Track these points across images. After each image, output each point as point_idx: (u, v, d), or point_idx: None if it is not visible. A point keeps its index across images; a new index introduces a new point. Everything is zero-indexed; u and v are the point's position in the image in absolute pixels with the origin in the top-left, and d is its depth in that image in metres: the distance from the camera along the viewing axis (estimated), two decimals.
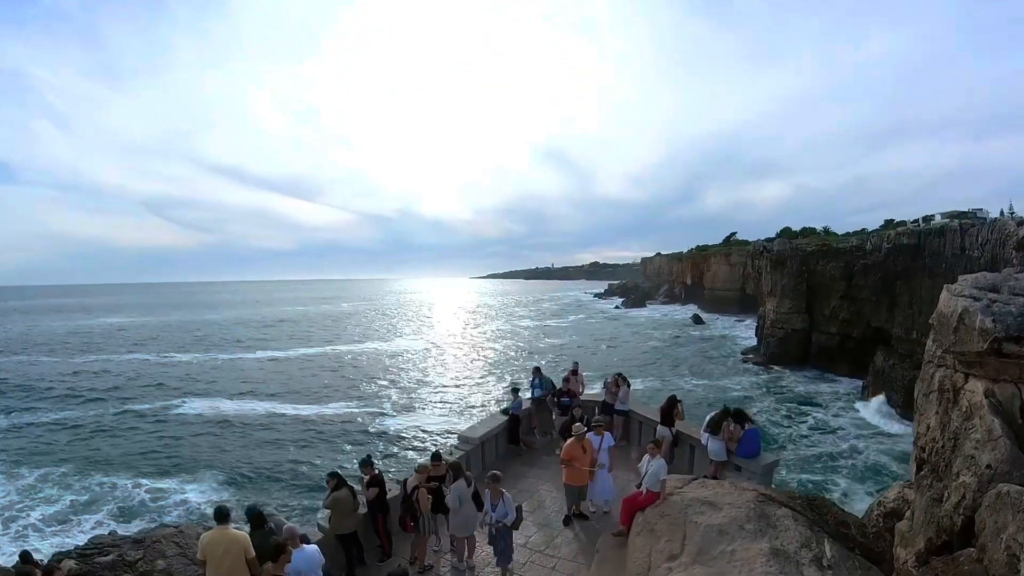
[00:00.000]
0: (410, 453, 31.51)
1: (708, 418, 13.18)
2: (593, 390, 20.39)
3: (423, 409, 42.10)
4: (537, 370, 18.06)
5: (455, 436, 15.85)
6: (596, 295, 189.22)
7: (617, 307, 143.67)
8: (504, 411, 16.66)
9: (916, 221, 63.11)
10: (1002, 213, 55.52)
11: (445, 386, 50.60)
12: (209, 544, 7.58)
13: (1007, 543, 8.15)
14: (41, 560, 9.64)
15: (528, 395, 17.69)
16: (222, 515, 7.82)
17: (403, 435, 35.10)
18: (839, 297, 54.32)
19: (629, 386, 16.85)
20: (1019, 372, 9.87)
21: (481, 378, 54.63)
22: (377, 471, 11.14)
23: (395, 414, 40.32)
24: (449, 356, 69.73)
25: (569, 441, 11.68)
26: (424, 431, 35.82)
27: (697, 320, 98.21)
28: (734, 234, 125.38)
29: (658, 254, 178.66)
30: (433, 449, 13.46)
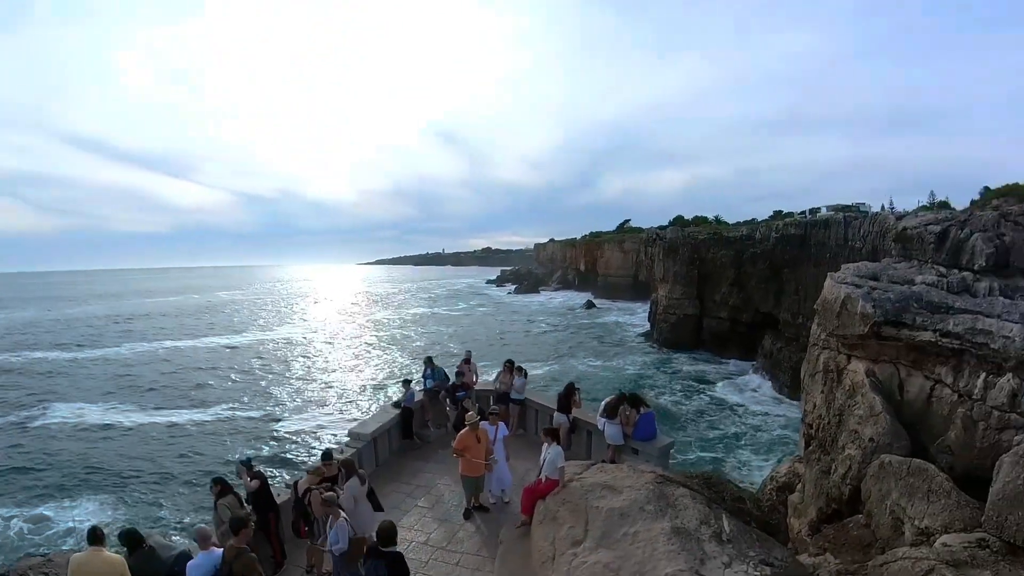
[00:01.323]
0: (299, 454, 29.97)
1: (604, 403, 13.28)
2: (488, 378, 20.23)
3: (310, 406, 40.17)
4: (429, 360, 17.65)
5: (346, 433, 15.19)
6: (489, 281, 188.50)
7: (510, 293, 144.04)
8: (396, 404, 16.08)
9: (803, 213, 67.03)
10: (883, 208, 59.99)
11: (332, 380, 48.63)
12: (79, 568, 6.98)
13: (891, 508, 8.71)
14: None
15: (420, 387, 17.28)
16: (95, 537, 7.23)
17: (290, 435, 33.32)
18: (729, 284, 57.02)
19: (525, 375, 16.77)
20: (897, 353, 10.63)
21: (370, 370, 52.98)
22: (257, 470, 10.45)
23: (280, 413, 38.27)
24: (335, 348, 66.97)
25: (463, 431, 11.44)
26: (312, 430, 34.13)
27: (590, 306, 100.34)
28: (628, 221, 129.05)
29: (552, 240, 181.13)
30: (323, 448, 12.82)
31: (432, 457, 14.91)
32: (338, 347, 67.44)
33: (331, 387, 45.96)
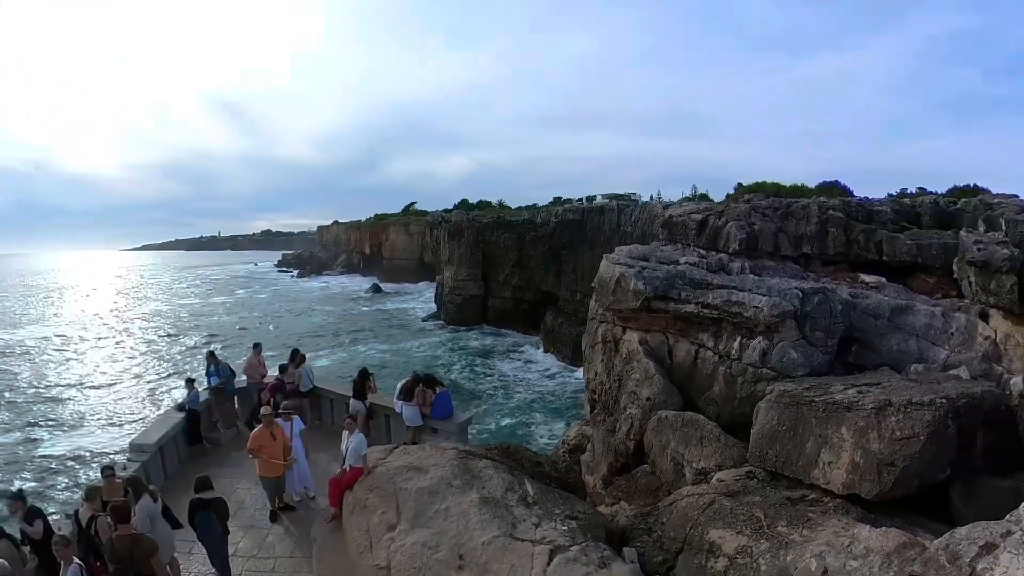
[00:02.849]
0: (74, 479, 25.68)
1: (399, 386, 13.46)
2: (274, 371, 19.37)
3: (76, 419, 34.55)
4: (211, 355, 16.31)
5: (126, 446, 13.73)
6: (270, 266, 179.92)
7: (293, 278, 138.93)
8: (179, 407, 14.80)
9: (581, 200, 71.51)
10: (651, 198, 66.59)
11: (99, 387, 42.28)
12: None
13: (671, 455, 10.18)
14: None
15: (205, 385, 16.11)
16: None
17: (57, 457, 28.49)
18: (512, 265, 59.92)
19: (301, 364, 16.02)
20: (665, 323, 12.33)
21: (144, 372, 47.05)
22: (32, 506, 9.07)
23: (39, 431, 32.45)
24: (101, 349, 58.45)
25: (256, 429, 11.00)
26: (85, 448, 29.30)
27: (377, 289, 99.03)
28: (414, 204, 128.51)
29: (336, 222, 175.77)
30: (102, 466, 11.43)
31: (226, 461, 13.90)
32: (101, 347, 58.75)
33: (98, 394, 40.01)
